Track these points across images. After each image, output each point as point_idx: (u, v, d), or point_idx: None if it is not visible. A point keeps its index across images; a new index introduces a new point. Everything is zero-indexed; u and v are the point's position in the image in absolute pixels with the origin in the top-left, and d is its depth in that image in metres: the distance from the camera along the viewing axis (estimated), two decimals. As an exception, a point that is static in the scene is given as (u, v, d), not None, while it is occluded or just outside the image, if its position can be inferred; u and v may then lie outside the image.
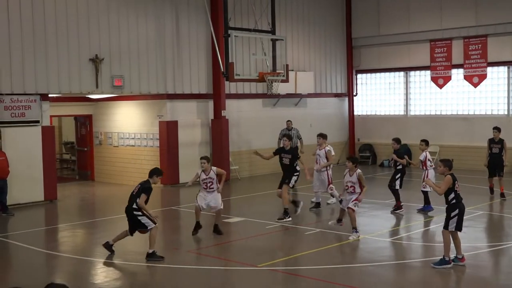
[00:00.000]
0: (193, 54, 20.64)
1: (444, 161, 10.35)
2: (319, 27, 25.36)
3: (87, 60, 17.99)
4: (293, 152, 14.39)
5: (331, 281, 9.65)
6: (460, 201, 10.15)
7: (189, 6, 20.50)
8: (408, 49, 24.99)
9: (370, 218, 14.67)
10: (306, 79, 23.89)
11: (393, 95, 25.88)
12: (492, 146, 16.62)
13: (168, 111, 20.11)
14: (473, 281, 9.82)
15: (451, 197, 10.08)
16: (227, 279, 10.28)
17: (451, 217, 10.08)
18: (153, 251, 11.02)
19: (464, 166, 22.79)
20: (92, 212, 17.08)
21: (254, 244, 12.55)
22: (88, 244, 12.92)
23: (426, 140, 15.20)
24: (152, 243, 11.06)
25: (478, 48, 22.81)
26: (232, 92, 21.80)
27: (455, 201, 10.08)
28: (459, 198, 10.14)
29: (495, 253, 11.39)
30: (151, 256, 10.96)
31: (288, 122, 20.17)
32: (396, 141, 15.21)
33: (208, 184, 12.57)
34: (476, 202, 15.93)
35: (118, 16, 18.73)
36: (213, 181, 12.55)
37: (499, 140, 16.55)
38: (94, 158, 22.46)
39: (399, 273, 10.29)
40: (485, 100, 23.18)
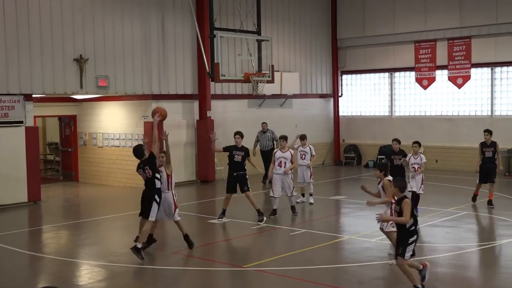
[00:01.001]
0: (178, 54, 20.59)
1: (395, 181, 9.22)
2: (305, 28, 25.41)
3: (72, 60, 17.88)
4: (246, 149, 14.36)
5: (317, 282, 9.67)
6: (417, 224, 9.08)
7: (175, 6, 20.45)
8: (393, 50, 25.11)
9: (355, 219, 14.72)
10: (292, 79, 23.91)
11: (378, 96, 25.99)
12: (485, 150, 15.72)
13: (153, 112, 20.00)
14: (457, 281, 9.87)
15: (410, 222, 8.85)
16: (213, 280, 10.25)
17: (408, 243, 8.83)
18: (141, 247, 10.88)
19: (448, 167, 22.96)
20: (76, 213, 16.97)
21: (240, 245, 12.55)
22: (72, 246, 12.84)
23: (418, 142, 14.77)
24: (143, 238, 10.95)
25: (462, 50, 22.98)
26: (218, 92, 21.78)
27: (414, 227, 8.90)
28: (416, 222, 9.01)
29: (478, 253, 11.46)
30: (136, 251, 10.75)
31: (263, 124, 20.16)
32: (397, 141, 15.11)
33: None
34: (460, 203, 16.04)
35: (103, 16, 18.63)
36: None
37: (492, 143, 15.74)
38: (79, 158, 22.32)
39: (384, 273, 10.33)
40: (469, 101, 23.34)
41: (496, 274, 10.29)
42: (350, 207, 16.01)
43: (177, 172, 20.26)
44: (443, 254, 11.36)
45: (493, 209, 15.22)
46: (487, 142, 15.79)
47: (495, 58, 22.47)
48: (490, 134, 15.83)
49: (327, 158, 26.39)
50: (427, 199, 16.71)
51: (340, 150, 26.67)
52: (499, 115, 22.61)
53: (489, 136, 15.80)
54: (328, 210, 16.26)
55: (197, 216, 15.09)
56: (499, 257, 11.33)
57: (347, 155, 26.28)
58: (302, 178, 16.36)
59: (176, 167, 20.19)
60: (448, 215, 14.58)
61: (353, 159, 26.04)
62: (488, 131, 15.91)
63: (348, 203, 16.64)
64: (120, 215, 15.64)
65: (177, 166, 20.27)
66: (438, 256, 11.18)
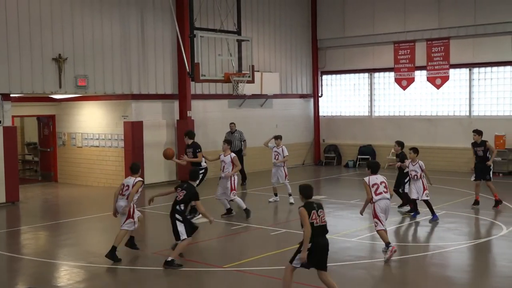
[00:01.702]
0: (158, 54, 20.52)
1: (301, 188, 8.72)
2: (285, 28, 25.46)
3: (50, 60, 17.73)
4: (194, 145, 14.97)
5: (297, 281, 9.69)
6: (316, 235, 8.39)
7: (155, 5, 20.37)
8: (372, 51, 25.26)
9: (335, 219, 14.78)
10: (272, 80, 23.95)
11: (358, 96, 26.12)
12: (476, 150, 15.85)
13: (133, 112, 19.94)
14: (436, 279, 9.96)
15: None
16: (193, 281, 10.23)
17: (298, 251, 8.49)
18: (172, 259, 10.63)
19: (428, 167, 22.91)
20: (55, 214, 16.83)
21: (220, 245, 12.54)
22: (51, 246, 12.74)
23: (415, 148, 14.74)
24: (177, 252, 10.71)
25: (441, 50, 23.18)
26: (198, 92, 21.74)
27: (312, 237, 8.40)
28: (315, 231, 8.38)
29: (458, 252, 11.57)
30: (170, 264, 10.55)
31: (231, 125, 20.18)
32: (398, 143, 15.27)
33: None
34: (439, 202, 16.18)
35: (82, 15, 18.50)
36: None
37: (481, 142, 15.79)
38: (58, 159, 22.15)
39: (363, 273, 10.39)
40: (448, 102, 23.55)
41: (474, 273, 10.41)
42: (330, 207, 16.07)
43: (157, 172, 20.37)
44: (423, 253, 11.46)
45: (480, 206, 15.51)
46: (477, 141, 15.88)
47: (473, 59, 22.70)
48: (477, 133, 15.91)
49: (307, 158, 26.47)
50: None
51: (320, 150, 26.77)
52: (477, 115, 22.84)
53: (477, 136, 15.88)
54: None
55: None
56: (478, 256, 11.45)
57: (327, 155, 26.37)
58: (276, 178, 16.70)
59: (156, 167, 20.29)
60: (428, 214, 14.70)
61: (333, 159, 26.14)
62: (476, 131, 15.99)
63: (328, 203, 16.70)
64: (99, 215, 15.54)
65: (157, 166, 20.33)
66: (418, 255, 11.28)
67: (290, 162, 25.08)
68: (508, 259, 10.93)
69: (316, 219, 8.41)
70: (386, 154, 24.42)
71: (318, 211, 8.47)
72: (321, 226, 8.47)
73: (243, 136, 20.15)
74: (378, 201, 10.80)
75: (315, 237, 8.38)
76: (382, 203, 10.84)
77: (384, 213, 10.89)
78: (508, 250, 11.70)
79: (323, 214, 8.54)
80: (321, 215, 8.49)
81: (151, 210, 15.93)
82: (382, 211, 10.86)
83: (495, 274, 10.01)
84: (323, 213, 8.54)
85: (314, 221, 8.40)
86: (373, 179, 10.92)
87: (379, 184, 10.86)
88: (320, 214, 8.49)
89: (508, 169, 21.64)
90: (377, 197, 10.80)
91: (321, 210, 8.52)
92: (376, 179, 10.92)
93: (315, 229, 8.37)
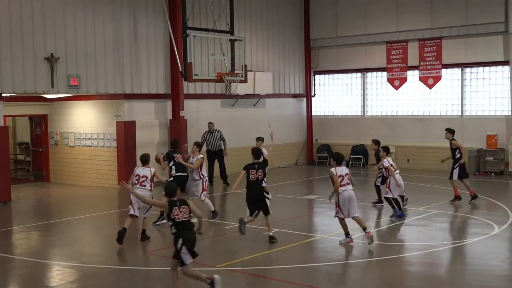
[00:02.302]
0: (151, 54, 20.49)
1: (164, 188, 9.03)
2: (278, 28, 25.47)
3: (42, 59, 17.67)
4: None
5: (290, 281, 9.71)
6: (182, 228, 8.69)
7: (147, 5, 20.33)
8: (365, 51, 25.30)
9: (328, 218, 14.78)
10: (265, 79, 23.96)
11: (351, 96, 26.16)
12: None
13: (125, 111, 19.91)
14: (428, 279, 9.99)
15: (170, 225, 8.77)
16: (186, 280, 10.23)
17: (178, 250, 8.69)
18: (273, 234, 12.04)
19: (420, 166, 23.22)
20: (47, 214, 16.79)
21: (213, 245, 12.54)
22: (44, 247, 12.70)
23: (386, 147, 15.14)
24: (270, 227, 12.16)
25: (433, 50, 23.24)
26: (191, 92, 21.72)
27: (175, 231, 8.70)
28: (179, 225, 8.68)
29: (449, 251, 11.62)
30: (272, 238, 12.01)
31: (210, 124, 20.12)
32: (375, 142, 15.70)
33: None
34: (431, 202, 16.24)
35: (74, 14, 18.45)
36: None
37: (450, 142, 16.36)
38: (50, 158, 22.08)
39: (355, 272, 10.42)
40: (440, 101, 23.61)
41: (465, 272, 10.45)
42: (323, 206, 16.09)
43: (149, 172, 20.30)
44: (414, 252, 11.50)
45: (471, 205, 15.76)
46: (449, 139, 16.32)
47: (465, 59, 22.77)
48: (447, 131, 16.43)
49: (300, 158, 26.50)
50: (398, 198, 16.89)
51: (313, 150, 26.80)
52: (469, 115, 22.92)
53: (447, 134, 16.40)
54: (301, 209, 16.34)
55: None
56: (469, 255, 11.49)
57: (320, 154, 26.41)
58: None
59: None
60: (419, 214, 14.76)
61: (326, 159, 26.17)
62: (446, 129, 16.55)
63: (321, 202, 16.73)
64: (92, 215, 15.51)
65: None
66: (409, 255, 11.32)
67: (283, 161, 25.19)
68: (499, 258, 10.98)
69: (178, 215, 8.67)
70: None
71: (180, 208, 8.70)
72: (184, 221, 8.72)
73: (222, 135, 20.11)
74: (342, 192, 11.58)
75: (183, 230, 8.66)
76: (346, 193, 11.60)
77: (348, 203, 11.60)
78: (500, 249, 11.75)
79: (185, 210, 8.73)
80: (183, 211, 8.71)
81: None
82: (346, 201, 11.58)
83: (486, 273, 10.05)
84: (185, 209, 8.73)
85: (176, 216, 8.65)
86: (340, 170, 11.72)
87: (344, 176, 11.67)
88: (182, 210, 8.70)
89: (500, 169, 21.72)
90: (341, 188, 11.58)
91: (183, 207, 8.74)
92: (342, 171, 11.73)
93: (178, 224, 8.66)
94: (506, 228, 13.14)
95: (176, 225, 8.67)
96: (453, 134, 16.38)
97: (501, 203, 16.03)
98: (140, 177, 12.41)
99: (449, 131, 16.44)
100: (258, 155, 12.46)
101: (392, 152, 23.49)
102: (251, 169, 12.07)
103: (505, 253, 11.52)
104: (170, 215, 8.66)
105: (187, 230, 8.73)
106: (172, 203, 8.76)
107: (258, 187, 12.06)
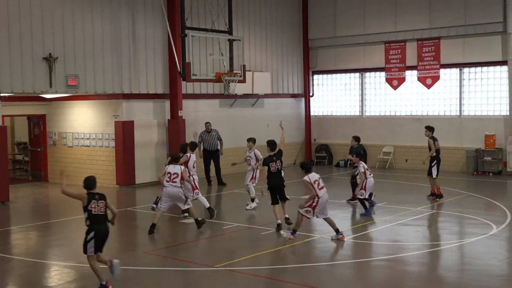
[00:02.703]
0: (149, 54, 20.48)
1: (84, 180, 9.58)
2: (276, 28, 25.47)
3: (41, 59, 17.65)
4: None
5: (288, 281, 9.72)
6: (95, 222, 9.26)
7: (146, 5, 20.33)
8: (363, 51, 25.31)
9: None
10: (263, 79, 23.96)
11: (349, 96, 26.17)
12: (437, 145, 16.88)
13: (124, 111, 19.90)
14: (427, 279, 10.00)
15: (85, 217, 9.26)
16: (184, 280, 10.24)
17: (87, 240, 9.26)
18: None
19: (418, 166, 23.17)
20: (45, 214, 16.78)
21: (211, 245, 12.54)
22: (42, 247, 12.70)
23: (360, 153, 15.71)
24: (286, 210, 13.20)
25: (431, 50, 23.26)
26: (189, 92, 21.71)
27: (89, 223, 9.25)
28: (94, 218, 9.24)
29: (447, 251, 11.62)
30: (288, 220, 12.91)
31: (207, 124, 20.09)
32: (355, 138, 16.14)
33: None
34: (429, 202, 16.26)
35: (73, 14, 18.44)
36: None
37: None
38: (48, 158, 22.05)
39: (352, 272, 10.42)
40: (438, 101, 23.62)
41: (464, 272, 10.46)
42: (321, 206, 16.08)
43: (148, 172, 20.34)
44: (413, 252, 11.50)
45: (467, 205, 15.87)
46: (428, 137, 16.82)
47: (463, 59, 22.79)
48: (426, 129, 16.91)
49: (298, 158, 26.50)
50: (397, 198, 16.94)
51: (312, 150, 26.81)
52: (467, 115, 22.94)
53: (426, 131, 16.86)
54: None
55: (168, 216, 15.02)
56: (467, 255, 11.50)
57: (318, 154, 26.42)
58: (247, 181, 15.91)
59: (147, 167, 20.27)
60: (417, 214, 14.77)
61: (324, 159, 26.19)
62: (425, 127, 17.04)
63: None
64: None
65: (148, 166, 20.32)
66: (407, 255, 11.32)
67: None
68: (498, 258, 10.99)
69: (95, 208, 9.20)
70: (377, 153, 24.52)
71: (98, 202, 9.22)
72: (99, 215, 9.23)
73: (219, 135, 20.10)
74: (323, 195, 11.86)
75: (96, 224, 9.23)
76: (326, 196, 11.94)
77: (325, 203, 11.93)
78: (498, 249, 11.76)
79: (103, 204, 9.28)
80: (100, 205, 9.25)
81: (142, 210, 15.91)
82: (324, 203, 11.89)
83: (485, 273, 10.06)
84: (103, 203, 9.28)
85: (93, 209, 9.18)
86: (312, 176, 11.93)
87: (318, 180, 11.93)
88: (100, 204, 9.24)
89: (498, 169, 21.74)
90: (321, 192, 11.84)
91: (101, 201, 9.25)
92: (314, 176, 11.96)
93: (93, 217, 9.20)
94: (504, 228, 13.16)
95: (91, 217, 9.19)
96: (432, 131, 16.83)
97: (499, 203, 16.05)
98: (171, 174, 13.09)
99: (428, 128, 16.91)
100: (273, 147, 13.31)
101: (390, 152, 23.48)
102: (271, 162, 13.11)
103: (503, 253, 11.54)
104: (88, 207, 9.15)
105: (100, 224, 9.25)
106: (91, 195, 9.25)
107: (279, 177, 13.22)
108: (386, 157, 24.41)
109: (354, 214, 15.16)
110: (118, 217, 14.75)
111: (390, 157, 24.31)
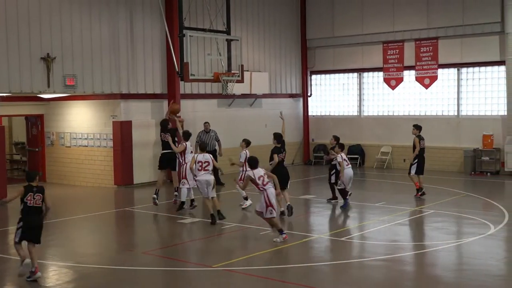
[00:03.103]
0: (147, 54, 20.47)
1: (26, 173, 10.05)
2: (274, 28, 25.48)
3: (39, 59, 17.64)
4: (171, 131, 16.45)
5: (287, 281, 9.72)
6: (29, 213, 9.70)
7: (144, 4, 20.32)
8: (361, 51, 25.33)
9: (324, 218, 14.84)
10: (261, 79, 23.97)
11: (347, 96, 26.18)
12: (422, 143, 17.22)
13: (122, 111, 19.89)
14: (425, 279, 10.01)
15: (20, 208, 9.70)
16: (182, 280, 10.23)
17: (16, 228, 9.81)
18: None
19: (416, 166, 23.20)
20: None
21: (209, 245, 12.54)
22: (40, 247, 12.64)
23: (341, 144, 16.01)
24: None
25: (429, 50, 23.28)
26: (187, 92, 21.71)
27: (22, 214, 9.71)
28: (28, 210, 9.69)
29: (445, 251, 11.63)
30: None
31: (206, 124, 20.06)
32: (334, 138, 16.37)
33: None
34: (426, 201, 16.27)
35: (71, 14, 18.42)
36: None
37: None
38: (46, 158, 22.04)
39: (351, 272, 10.42)
40: (436, 101, 23.65)
41: (462, 271, 10.47)
42: (319, 206, 16.11)
43: (146, 172, 20.34)
44: (410, 252, 11.51)
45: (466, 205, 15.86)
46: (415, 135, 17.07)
47: (461, 59, 22.81)
48: (414, 127, 17.19)
49: (296, 158, 26.51)
50: (395, 198, 16.95)
51: (310, 150, 26.82)
52: (465, 115, 22.96)
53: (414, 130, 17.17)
54: (298, 209, 16.31)
55: (167, 216, 15.02)
56: (465, 255, 11.51)
57: (316, 154, 26.43)
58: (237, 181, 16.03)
59: (145, 167, 20.26)
60: (415, 213, 14.78)
61: (322, 159, 26.20)
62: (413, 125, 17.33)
63: (317, 202, 16.74)
64: (88, 215, 15.49)
65: (146, 166, 20.30)
66: (405, 255, 11.33)
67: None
68: (495, 258, 11.00)
69: (31, 200, 9.59)
70: (375, 153, 24.55)
71: (35, 194, 9.60)
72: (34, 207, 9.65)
73: (217, 136, 20.07)
74: (269, 189, 12.02)
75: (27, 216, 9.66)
76: (272, 190, 12.10)
77: (273, 198, 12.07)
78: (496, 249, 11.78)
79: (39, 197, 9.65)
80: (36, 198, 9.62)
81: (140, 210, 15.91)
82: (272, 197, 12.01)
83: (483, 273, 10.07)
84: (39, 196, 9.65)
85: (28, 201, 9.58)
86: (257, 172, 12.11)
87: (263, 176, 12.12)
88: (36, 197, 9.61)
89: (496, 169, 21.76)
90: (266, 186, 12.02)
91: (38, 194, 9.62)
92: (259, 172, 12.14)
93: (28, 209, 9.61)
94: (502, 227, 13.18)
95: (25, 209, 9.60)
96: (419, 130, 17.14)
97: (497, 203, 16.07)
98: (202, 163, 13.84)
99: (416, 127, 17.24)
100: (280, 140, 14.38)
101: (388, 152, 23.48)
102: (279, 152, 14.26)
103: (501, 253, 11.55)
104: (24, 199, 9.55)
105: (33, 216, 9.66)
106: (29, 188, 9.62)
107: (285, 166, 14.44)
108: (384, 157, 24.42)
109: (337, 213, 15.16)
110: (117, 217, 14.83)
111: (388, 157, 24.33)
